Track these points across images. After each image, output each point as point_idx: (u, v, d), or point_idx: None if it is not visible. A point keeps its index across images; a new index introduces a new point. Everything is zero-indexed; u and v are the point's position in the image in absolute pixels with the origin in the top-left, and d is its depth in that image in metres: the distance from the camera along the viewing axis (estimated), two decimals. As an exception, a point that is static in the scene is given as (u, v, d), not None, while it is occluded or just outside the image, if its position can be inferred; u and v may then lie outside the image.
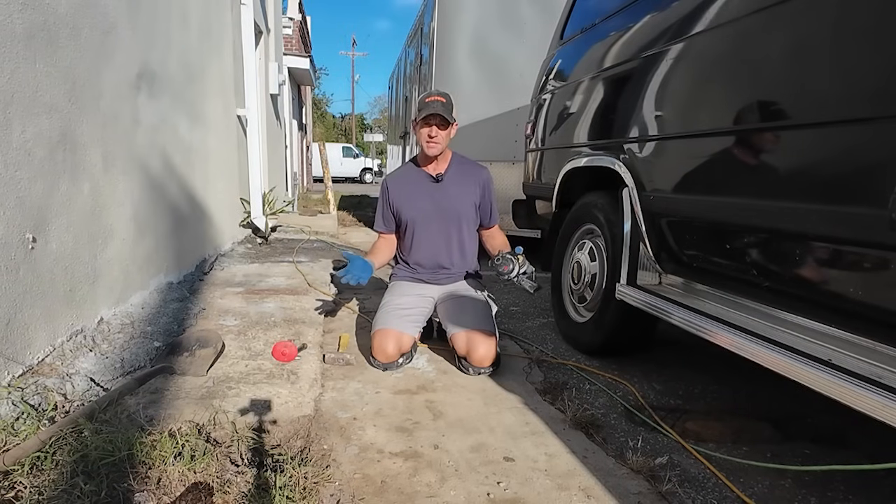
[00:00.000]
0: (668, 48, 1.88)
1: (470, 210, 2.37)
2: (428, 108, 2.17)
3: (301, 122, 13.97)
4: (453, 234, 2.38)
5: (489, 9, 4.66)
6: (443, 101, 2.19)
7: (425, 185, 2.36)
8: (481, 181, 2.37)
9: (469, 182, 2.36)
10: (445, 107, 2.18)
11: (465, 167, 2.39)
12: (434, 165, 2.35)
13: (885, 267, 1.22)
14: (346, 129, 39.22)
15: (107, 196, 2.15)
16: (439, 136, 2.21)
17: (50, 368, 1.65)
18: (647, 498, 1.34)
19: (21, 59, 1.59)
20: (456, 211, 2.35)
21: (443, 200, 2.34)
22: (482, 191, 2.37)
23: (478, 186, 2.36)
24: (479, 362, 2.09)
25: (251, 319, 2.39)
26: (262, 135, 5.10)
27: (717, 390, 2.08)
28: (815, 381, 1.23)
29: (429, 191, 2.35)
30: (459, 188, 2.35)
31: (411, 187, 2.38)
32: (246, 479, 1.26)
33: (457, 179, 2.36)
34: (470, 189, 2.35)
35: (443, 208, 2.34)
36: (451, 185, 2.35)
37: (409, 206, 2.37)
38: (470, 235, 2.42)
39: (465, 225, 2.38)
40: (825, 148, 1.33)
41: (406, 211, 2.37)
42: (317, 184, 16.82)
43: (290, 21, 11.07)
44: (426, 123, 2.21)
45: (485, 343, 2.08)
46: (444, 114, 2.16)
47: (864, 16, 1.25)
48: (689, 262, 1.92)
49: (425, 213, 2.35)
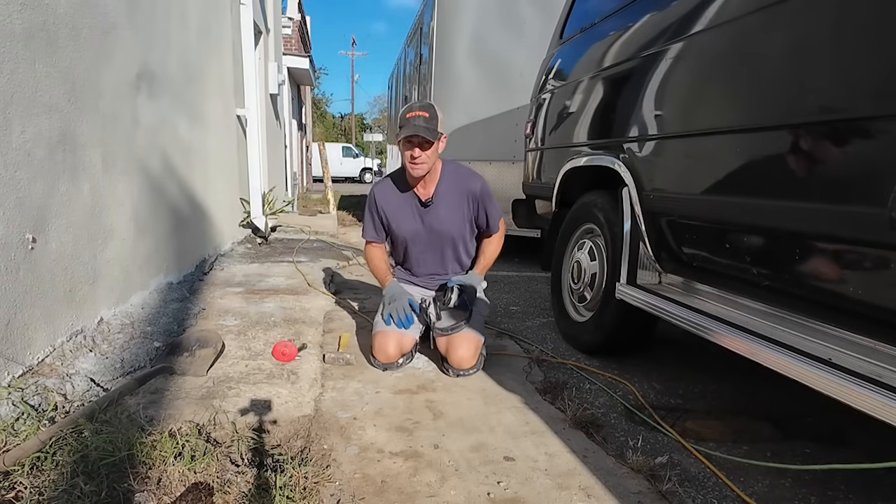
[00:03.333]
0: (668, 48, 1.88)
1: (463, 229, 2.22)
2: (409, 128, 1.97)
3: (301, 122, 13.97)
4: (448, 253, 2.27)
5: (489, 8, 4.66)
6: (426, 115, 1.98)
7: (414, 209, 2.20)
8: (474, 195, 2.17)
9: (461, 200, 2.17)
10: (429, 122, 1.97)
11: (457, 181, 2.18)
12: (422, 186, 2.17)
13: (884, 266, 1.22)
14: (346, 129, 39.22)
15: (107, 196, 2.15)
16: (423, 157, 2.01)
17: (50, 369, 1.65)
18: (647, 497, 1.34)
19: (20, 60, 1.59)
20: (449, 234, 2.21)
21: (434, 223, 2.20)
22: (476, 204, 2.18)
23: (470, 202, 2.18)
24: (458, 364, 2.03)
25: (251, 319, 2.39)
26: (261, 135, 5.10)
27: (717, 390, 2.08)
28: (815, 381, 1.23)
29: (418, 214, 2.20)
30: (450, 210, 2.18)
31: (400, 208, 2.22)
32: (246, 479, 1.26)
33: (448, 200, 2.17)
34: (462, 207, 2.18)
35: (434, 231, 2.21)
36: (441, 207, 2.17)
37: (399, 225, 2.23)
38: (467, 247, 2.30)
39: (460, 242, 2.26)
40: (825, 147, 1.33)
41: (396, 229, 2.24)
42: (316, 184, 16.82)
43: (289, 21, 11.09)
44: (408, 143, 2.01)
45: (465, 344, 2.03)
46: (426, 135, 1.96)
47: (864, 15, 1.24)
48: (688, 262, 1.92)
49: (416, 235, 2.22)
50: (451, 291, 2.13)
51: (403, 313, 2.10)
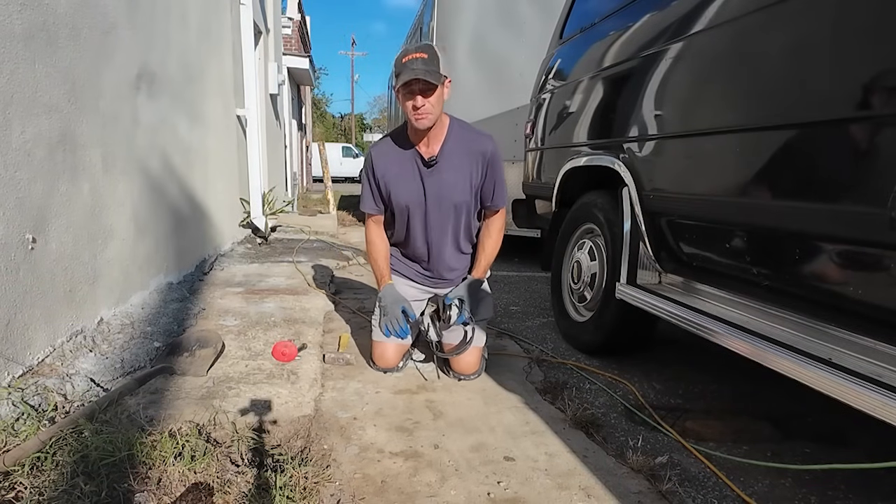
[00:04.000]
0: (668, 47, 1.88)
1: (468, 197, 1.99)
2: (407, 72, 1.73)
3: (301, 122, 13.97)
4: (449, 228, 2.03)
5: (489, 8, 4.66)
6: (424, 56, 1.75)
7: (416, 170, 1.97)
8: (484, 157, 1.95)
9: (469, 161, 1.95)
10: (428, 64, 1.75)
11: (466, 139, 1.96)
12: (426, 143, 1.93)
13: (885, 266, 1.22)
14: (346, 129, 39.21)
15: (106, 196, 2.15)
16: (427, 105, 1.78)
17: (50, 369, 1.65)
18: (647, 497, 1.34)
19: (20, 60, 1.59)
20: (452, 200, 1.98)
21: (436, 186, 1.96)
22: (485, 168, 1.96)
23: (478, 164, 1.95)
24: (461, 371, 2.02)
25: (251, 319, 2.39)
26: (261, 135, 5.10)
27: (717, 389, 2.08)
28: (815, 380, 1.23)
29: (420, 176, 1.97)
30: (456, 173, 1.95)
31: (400, 169, 1.98)
32: (246, 480, 1.26)
33: (454, 160, 1.95)
34: (470, 170, 1.96)
35: (436, 198, 1.98)
36: (446, 168, 1.95)
37: (399, 191, 2.00)
38: (472, 226, 2.09)
39: (463, 218, 2.03)
40: (825, 147, 1.33)
41: (396, 196, 2.01)
42: (316, 184, 16.82)
43: (289, 21, 11.09)
44: (408, 91, 1.78)
45: (470, 355, 2.01)
46: (427, 77, 1.72)
47: (864, 15, 1.24)
48: (688, 262, 1.92)
49: (417, 201, 1.99)
50: (449, 309, 1.98)
51: (399, 326, 1.97)
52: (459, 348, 1.99)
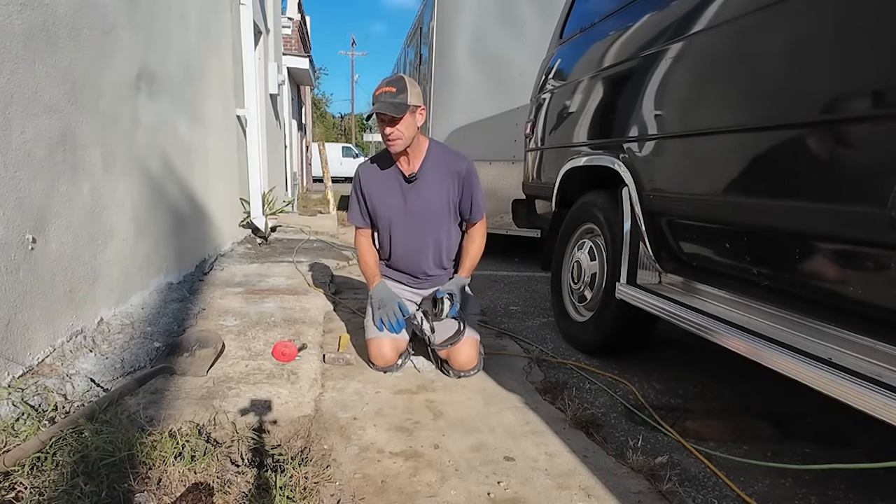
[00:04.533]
0: (667, 47, 1.88)
1: (447, 211, 2.14)
2: (376, 105, 1.92)
3: (300, 122, 13.97)
4: (430, 240, 2.16)
5: (488, 8, 4.66)
6: (392, 91, 1.91)
7: (398, 185, 2.13)
8: (460, 175, 2.10)
9: (446, 179, 2.10)
10: (395, 96, 1.90)
11: (443, 159, 2.13)
12: (406, 161, 2.10)
13: (885, 266, 1.22)
14: (346, 129, 39.22)
15: (106, 196, 2.15)
16: (395, 132, 1.94)
17: (50, 369, 1.65)
18: (647, 497, 1.34)
19: (20, 60, 1.59)
20: (432, 214, 2.13)
21: (417, 201, 2.12)
22: (460, 186, 2.11)
23: (455, 182, 2.11)
24: (460, 367, 2.04)
25: (251, 319, 2.39)
26: (261, 135, 5.10)
27: (717, 389, 2.08)
28: (815, 380, 1.23)
29: (402, 191, 2.13)
30: (434, 189, 2.11)
31: (383, 185, 2.15)
32: (246, 480, 1.26)
33: (433, 177, 2.11)
34: (447, 187, 2.11)
35: (417, 212, 2.12)
36: (425, 186, 2.11)
37: (382, 205, 2.16)
38: (451, 237, 2.22)
39: (443, 230, 2.17)
40: (825, 147, 1.33)
41: (379, 210, 2.16)
42: (316, 184, 16.82)
43: (289, 21, 11.08)
44: (380, 121, 1.97)
45: (465, 349, 2.03)
46: (389, 111, 1.89)
47: (864, 15, 1.25)
48: (688, 262, 1.92)
49: (400, 217, 2.15)
50: (441, 303, 2.06)
51: (394, 318, 2.06)
52: (454, 338, 2.04)
